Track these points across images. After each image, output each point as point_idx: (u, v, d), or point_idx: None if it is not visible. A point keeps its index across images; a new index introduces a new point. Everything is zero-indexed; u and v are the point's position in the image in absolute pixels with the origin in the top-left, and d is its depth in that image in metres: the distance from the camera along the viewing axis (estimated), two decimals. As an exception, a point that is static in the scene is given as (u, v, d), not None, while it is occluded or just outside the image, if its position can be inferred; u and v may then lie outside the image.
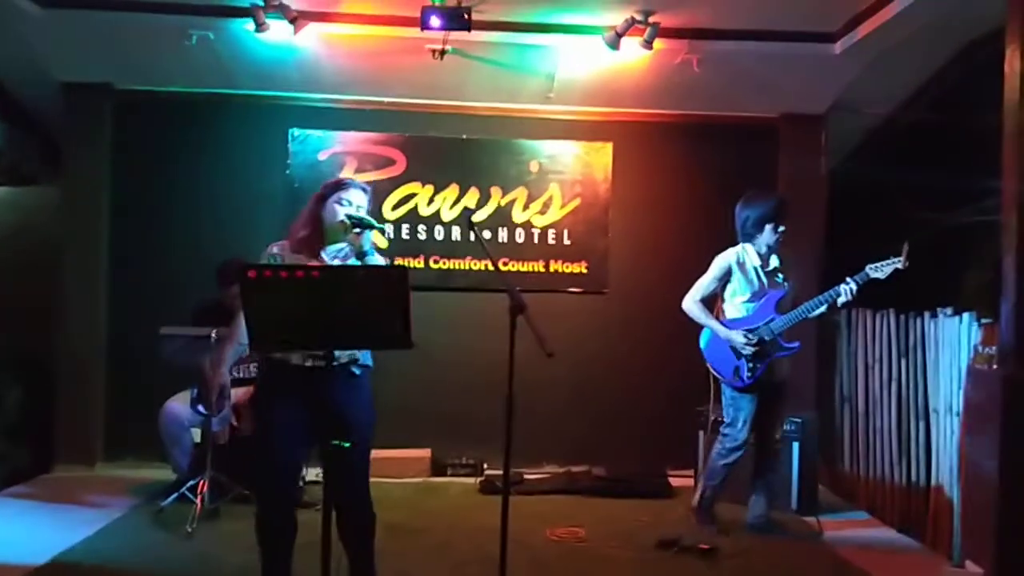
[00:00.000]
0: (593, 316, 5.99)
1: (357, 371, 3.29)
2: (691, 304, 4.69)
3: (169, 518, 4.47)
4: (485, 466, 5.80)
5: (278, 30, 5.03)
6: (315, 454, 3.42)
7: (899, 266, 4.40)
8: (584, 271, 6.05)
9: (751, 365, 4.55)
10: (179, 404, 4.87)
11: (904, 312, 5.27)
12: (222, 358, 3.77)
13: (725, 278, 4.66)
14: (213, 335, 4.51)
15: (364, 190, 3.47)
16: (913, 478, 5.00)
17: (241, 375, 5.07)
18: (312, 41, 5.22)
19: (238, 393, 4.92)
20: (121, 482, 5.33)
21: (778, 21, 5.13)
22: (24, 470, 5.58)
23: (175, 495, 4.60)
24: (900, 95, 5.91)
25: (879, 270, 4.43)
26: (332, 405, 3.15)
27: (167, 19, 5.05)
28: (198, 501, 4.41)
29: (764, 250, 4.64)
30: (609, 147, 6.06)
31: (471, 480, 5.67)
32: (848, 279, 4.45)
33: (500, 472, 5.60)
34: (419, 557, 3.81)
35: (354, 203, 3.41)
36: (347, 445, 2.90)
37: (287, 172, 5.92)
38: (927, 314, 5.04)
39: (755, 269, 4.64)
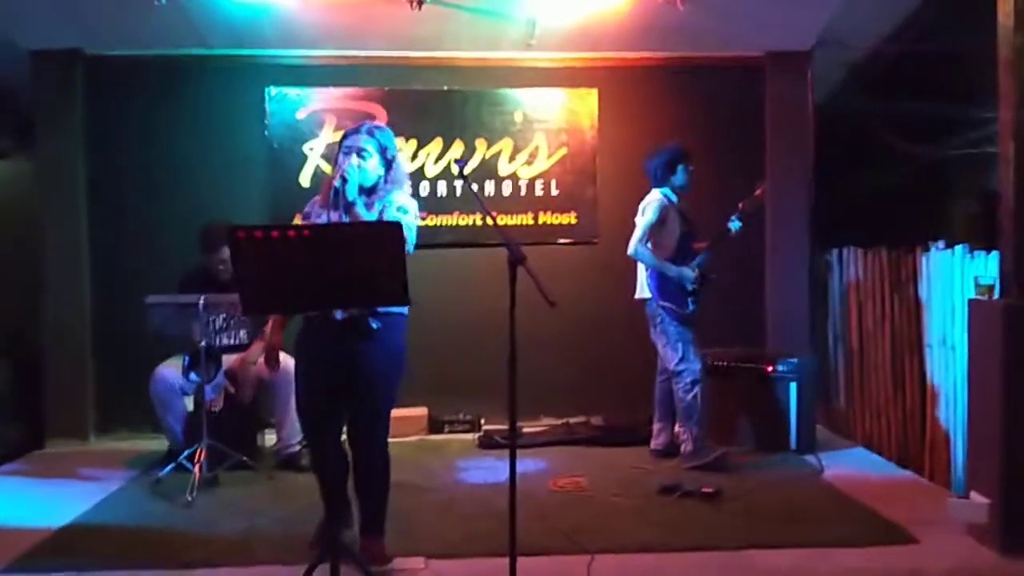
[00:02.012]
0: (584, 266, 5.93)
1: (375, 324, 3.29)
2: (640, 247, 4.87)
3: (168, 488, 4.43)
4: (483, 421, 5.79)
5: (249, -14, 4.88)
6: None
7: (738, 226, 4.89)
8: (573, 221, 5.99)
9: (694, 297, 4.87)
10: (171, 369, 4.80)
11: (895, 248, 5.26)
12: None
13: (663, 218, 4.87)
14: (200, 302, 4.43)
15: (368, 132, 3.46)
16: (909, 412, 5.02)
17: (233, 342, 5.01)
18: (285, -5, 5.07)
19: (231, 360, 4.87)
20: (116, 454, 5.28)
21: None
22: (16, 447, 5.52)
23: (172, 464, 4.55)
24: (885, 27, 5.82)
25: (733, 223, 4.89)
26: (346, 357, 3.26)
27: (134, -20, 4.88)
28: (196, 470, 4.36)
29: (677, 191, 4.97)
30: (594, 93, 5.95)
31: (469, 436, 5.66)
32: (732, 217, 4.88)
33: (498, 427, 5.64)
34: (426, 514, 3.79)
35: (354, 147, 3.40)
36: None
37: (265, 133, 5.79)
38: (919, 249, 5.02)
39: (679, 209, 4.95)
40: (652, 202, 4.89)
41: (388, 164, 3.49)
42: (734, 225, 4.87)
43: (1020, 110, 3.53)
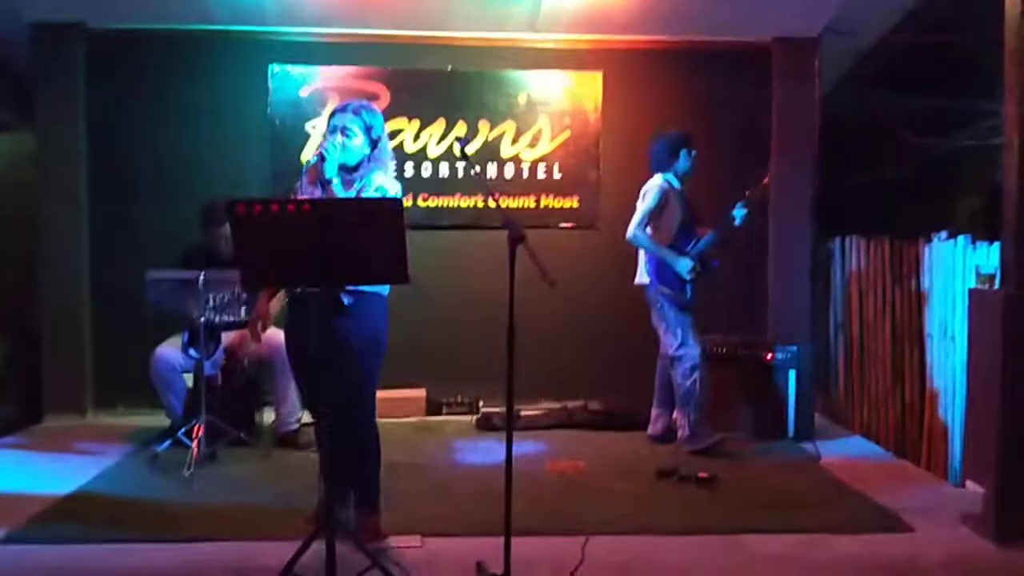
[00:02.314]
0: (585, 251, 5.92)
1: (347, 300, 3.28)
2: (637, 232, 4.86)
3: (166, 463, 4.43)
4: (481, 403, 5.79)
5: (254, -39, 4.85)
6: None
7: (744, 213, 4.84)
8: (575, 205, 5.96)
9: (692, 284, 4.85)
10: (170, 349, 4.80)
11: (898, 238, 5.24)
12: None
13: (663, 204, 4.86)
14: (200, 278, 4.42)
15: (354, 111, 3.44)
16: (908, 402, 5.02)
17: (231, 319, 4.99)
18: (290, -28, 5.05)
19: (230, 336, 4.86)
20: (114, 430, 5.29)
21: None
22: (14, 421, 5.53)
23: (170, 440, 4.55)
24: (894, 16, 5.78)
25: (738, 210, 4.84)
26: (321, 332, 3.16)
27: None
28: (194, 445, 4.37)
29: (679, 176, 4.94)
30: (599, 76, 5.92)
31: (467, 418, 5.67)
32: (738, 204, 4.83)
33: (496, 409, 5.64)
34: (422, 495, 3.80)
35: (339, 125, 3.40)
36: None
37: (268, 110, 5.76)
38: (921, 239, 5.00)
39: (681, 195, 4.91)
40: (653, 187, 4.87)
41: (373, 143, 3.47)
42: (739, 213, 4.84)
43: (1026, 99, 3.51)
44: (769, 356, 5.18)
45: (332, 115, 3.47)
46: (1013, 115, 3.58)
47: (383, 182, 3.42)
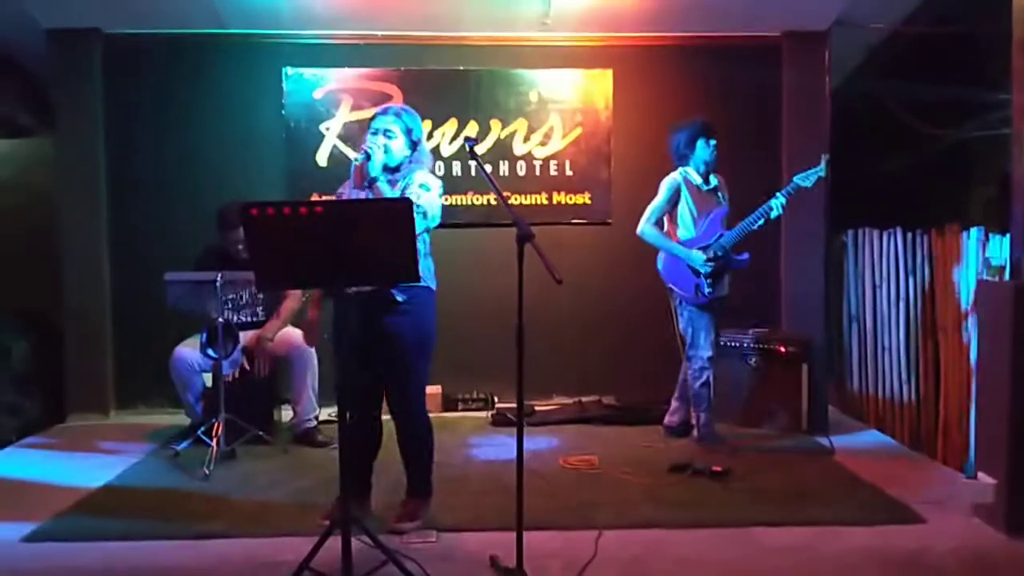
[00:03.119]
0: (597, 247, 5.95)
1: (400, 297, 3.45)
2: (647, 227, 4.83)
3: (186, 461, 4.52)
4: (496, 399, 5.84)
5: (266, -35, 4.91)
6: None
7: (821, 174, 4.61)
8: (587, 202, 5.99)
9: (709, 280, 4.72)
10: (188, 349, 4.88)
11: (911, 230, 5.24)
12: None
13: (675, 199, 4.82)
14: (218, 279, 4.50)
15: (395, 114, 3.61)
16: (923, 395, 5.03)
17: (248, 319, 5.07)
18: (301, -24, 5.10)
19: (247, 336, 4.94)
20: (136, 429, 5.37)
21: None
22: (38, 421, 5.64)
23: (190, 439, 4.64)
24: (904, 8, 5.76)
25: (806, 179, 4.63)
26: (374, 331, 3.40)
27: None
28: (214, 443, 4.45)
29: (702, 168, 4.82)
30: (609, 74, 5.94)
31: (482, 414, 5.71)
32: (777, 193, 4.65)
33: (511, 405, 5.68)
34: (437, 490, 3.83)
35: (380, 128, 3.55)
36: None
37: (282, 112, 5.83)
38: (934, 231, 5.01)
39: (699, 187, 4.81)
40: (664, 183, 4.85)
41: (413, 145, 3.65)
42: (777, 202, 4.63)
43: (1034, 90, 3.52)
44: (783, 349, 5.19)
45: (374, 118, 3.62)
46: (1021, 105, 3.59)
47: (424, 179, 3.56)
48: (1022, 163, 3.56)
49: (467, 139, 3.33)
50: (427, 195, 3.51)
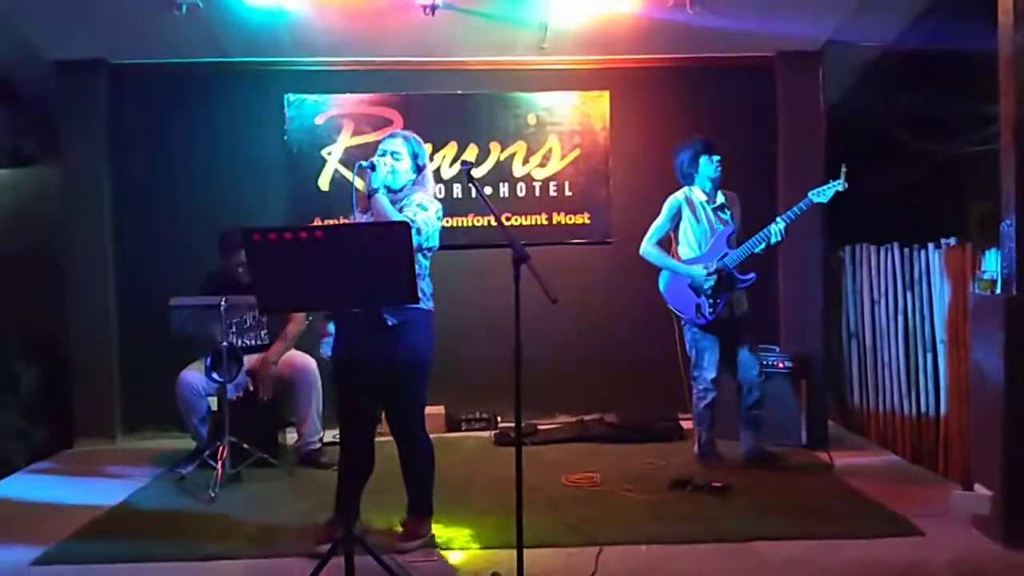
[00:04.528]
0: (598, 266, 6.01)
1: (392, 321, 3.48)
2: (649, 247, 4.85)
3: (192, 485, 4.57)
4: (499, 419, 5.88)
5: (267, -5, 5.00)
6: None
7: (839, 188, 4.59)
8: (587, 222, 6.06)
9: (712, 301, 4.71)
10: (194, 373, 4.93)
11: (908, 245, 5.28)
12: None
13: (677, 218, 4.82)
14: (222, 304, 4.56)
15: (404, 138, 3.70)
16: (923, 409, 5.04)
17: (253, 343, 5.13)
18: (302, 4, 5.18)
19: (251, 360, 4.99)
20: (142, 453, 5.43)
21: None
22: (45, 447, 5.69)
23: (196, 462, 4.69)
24: (897, 26, 5.84)
25: (821, 194, 4.61)
26: (372, 353, 3.42)
27: (155, -10, 5.03)
28: (219, 467, 4.49)
29: (708, 186, 4.81)
30: (606, 95, 6.03)
31: (486, 434, 5.75)
32: (778, 218, 4.64)
33: (514, 424, 5.71)
34: (439, 510, 3.87)
35: (388, 150, 3.63)
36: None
37: (285, 138, 5.92)
38: (931, 245, 5.04)
39: (702, 206, 4.79)
40: (667, 202, 4.85)
41: (419, 170, 3.74)
42: (776, 227, 4.61)
43: (1020, 105, 3.58)
44: (782, 364, 5.22)
45: (383, 141, 3.71)
46: (1008, 119, 3.65)
47: (422, 199, 3.64)
48: (1010, 177, 3.61)
49: (464, 163, 3.41)
50: (423, 214, 3.56)
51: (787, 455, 4.96)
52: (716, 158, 4.75)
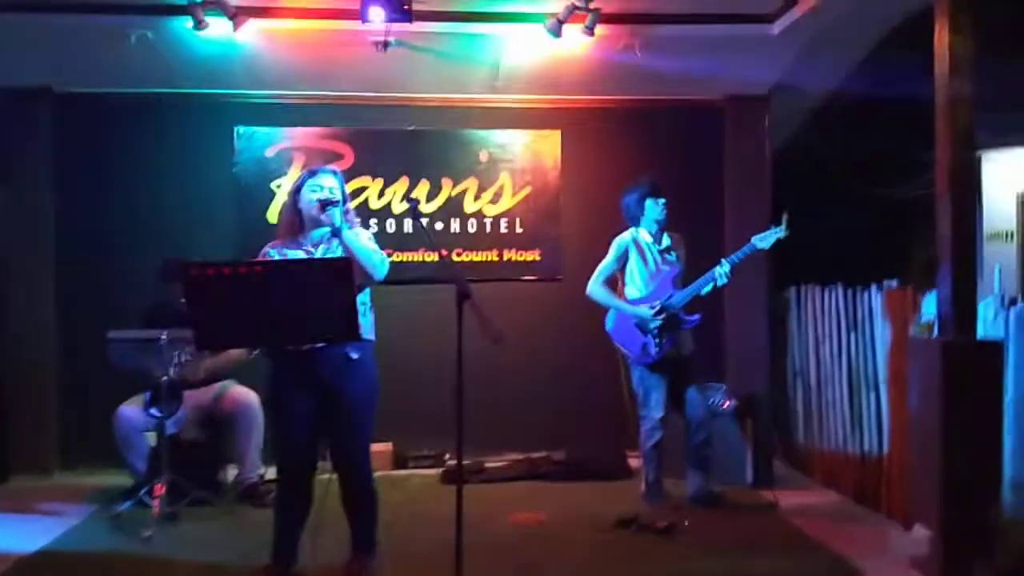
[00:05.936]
0: (548, 303, 6.02)
1: (354, 354, 3.43)
2: (595, 287, 4.89)
3: (127, 523, 4.44)
4: (447, 457, 5.81)
5: (218, 27, 4.97)
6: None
7: (781, 235, 4.70)
8: (537, 259, 6.09)
9: (658, 340, 4.75)
10: (132, 408, 4.83)
11: (852, 286, 5.37)
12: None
13: (624, 259, 4.88)
14: (163, 337, 4.47)
15: (334, 173, 3.63)
16: (867, 448, 5.10)
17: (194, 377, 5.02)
18: (254, 37, 5.16)
19: (191, 396, 4.89)
20: (79, 489, 5.27)
21: (716, 4, 5.17)
22: (-21, 482, 5.50)
23: (132, 500, 4.56)
24: (841, 72, 6.00)
25: (764, 240, 4.72)
26: (325, 388, 3.38)
27: (105, 19, 4.96)
28: (155, 505, 4.37)
29: (654, 228, 4.87)
30: (557, 134, 6.09)
31: (433, 472, 5.69)
32: (723, 260, 4.71)
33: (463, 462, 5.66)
34: (384, 548, 3.81)
35: (325, 187, 3.54)
36: None
37: (234, 170, 5.87)
38: (874, 287, 5.14)
39: (649, 247, 4.86)
40: (614, 243, 4.91)
41: (346, 211, 3.65)
42: (722, 270, 4.68)
43: (955, 152, 3.68)
44: (726, 404, 5.25)
45: (313, 173, 3.60)
46: (943, 165, 3.75)
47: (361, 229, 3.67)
48: (946, 221, 3.70)
49: (410, 200, 3.41)
50: (371, 243, 3.58)
51: (733, 494, 4.97)
52: (661, 201, 4.83)
